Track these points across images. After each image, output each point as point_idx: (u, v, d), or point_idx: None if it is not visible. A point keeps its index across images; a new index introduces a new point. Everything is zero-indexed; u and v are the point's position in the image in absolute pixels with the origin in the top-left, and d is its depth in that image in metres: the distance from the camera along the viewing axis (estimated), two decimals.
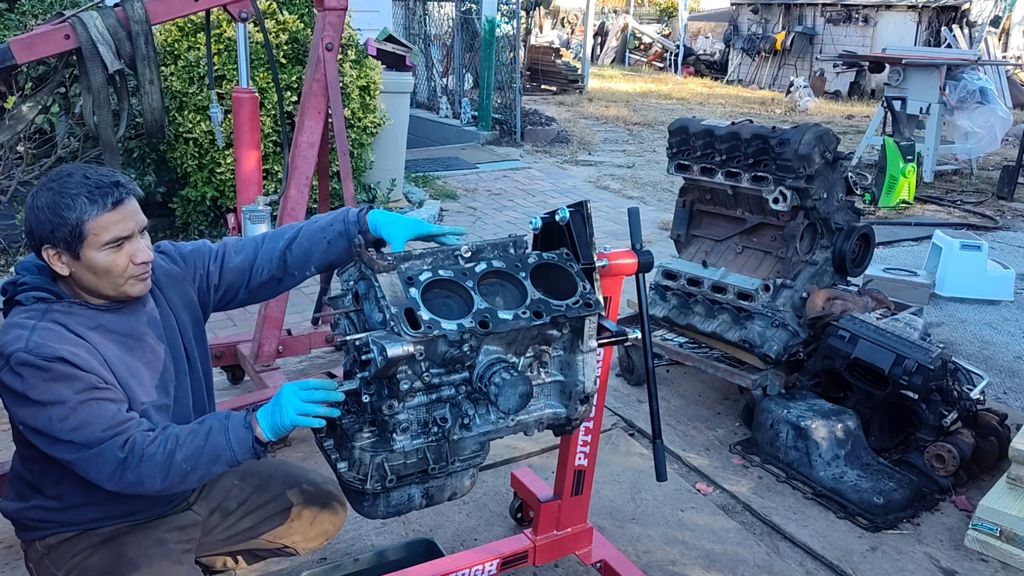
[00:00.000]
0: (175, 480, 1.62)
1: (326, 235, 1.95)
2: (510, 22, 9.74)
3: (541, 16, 19.13)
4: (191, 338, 1.94)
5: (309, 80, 3.04)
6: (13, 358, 1.59)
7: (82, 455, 1.59)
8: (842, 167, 3.34)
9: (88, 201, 1.64)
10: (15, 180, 4.60)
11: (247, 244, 2.01)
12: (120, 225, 1.67)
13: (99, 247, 1.66)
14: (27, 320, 1.65)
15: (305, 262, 1.97)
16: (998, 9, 15.20)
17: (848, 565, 2.64)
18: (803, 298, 3.37)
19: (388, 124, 6.01)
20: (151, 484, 1.61)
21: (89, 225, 1.64)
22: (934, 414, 3.07)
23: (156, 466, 1.60)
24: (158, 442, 1.61)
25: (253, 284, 2.00)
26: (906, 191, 7.09)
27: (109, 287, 1.72)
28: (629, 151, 9.70)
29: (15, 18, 4.89)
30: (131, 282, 1.73)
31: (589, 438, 2.31)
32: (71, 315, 1.70)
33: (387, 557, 2.38)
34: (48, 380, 1.59)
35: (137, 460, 1.59)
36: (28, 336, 1.62)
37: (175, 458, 1.61)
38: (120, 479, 1.61)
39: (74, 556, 1.82)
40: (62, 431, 1.58)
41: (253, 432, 1.65)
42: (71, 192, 1.64)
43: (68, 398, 1.59)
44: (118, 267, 1.69)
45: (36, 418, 1.60)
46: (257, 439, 1.65)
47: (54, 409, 1.58)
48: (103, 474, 1.61)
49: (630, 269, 2.04)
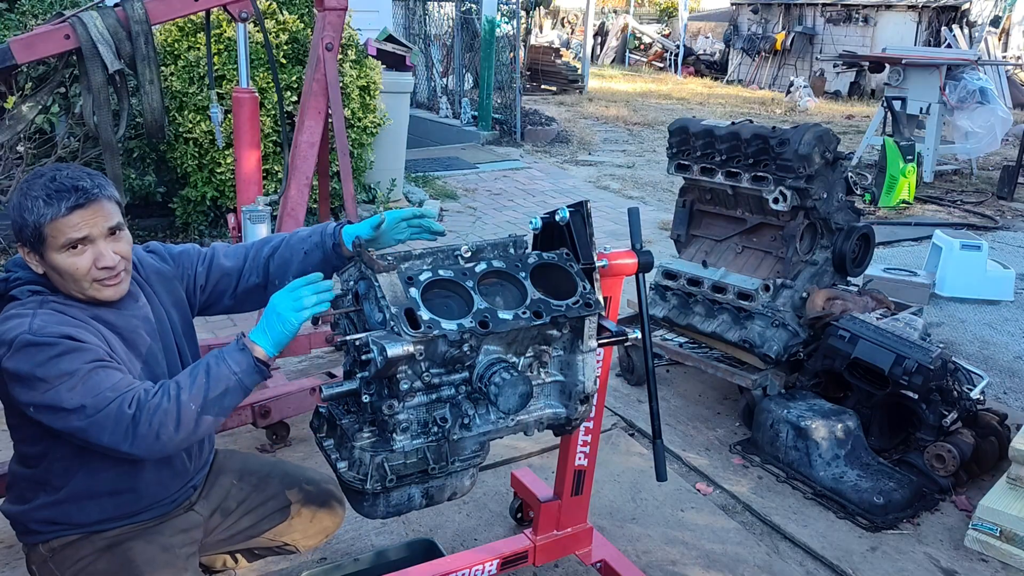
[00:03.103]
0: (188, 424, 1.59)
1: (304, 246, 2.00)
2: (510, 22, 9.74)
3: (541, 16, 19.13)
4: (182, 335, 1.94)
5: (309, 80, 3.04)
6: (17, 341, 1.58)
7: (93, 419, 1.56)
8: (842, 167, 3.34)
9: (44, 204, 1.64)
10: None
11: (237, 250, 2.03)
12: (77, 227, 1.65)
13: (57, 249, 1.66)
14: (25, 310, 1.65)
15: (285, 271, 2.00)
16: (998, 9, 15.20)
17: (848, 565, 2.64)
18: (803, 298, 3.37)
19: (388, 124, 6.01)
20: (166, 433, 1.57)
21: (47, 228, 1.64)
22: (934, 414, 3.07)
23: (165, 413, 1.57)
24: (161, 392, 1.59)
25: (240, 290, 2.01)
26: (906, 191, 7.09)
27: (75, 289, 1.71)
28: (629, 151, 9.70)
29: (15, 18, 4.89)
30: (95, 286, 1.71)
31: (589, 438, 2.31)
32: (68, 306, 1.70)
33: (387, 557, 2.38)
34: (57, 356, 1.57)
35: (146, 413, 1.56)
36: (30, 321, 1.61)
37: (181, 400, 1.58)
38: (134, 437, 1.56)
39: (78, 561, 1.81)
40: (71, 400, 1.56)
41: (251, 352, 1.64)
42: (32, 194, 1.65)
43: (77, 368, 1.57)
44: (79, 270, 1.67)
45: (45, 395, 1.57)
46: (258, 359, 1.65)
47: (63, 381, 1.56)
48: (117, 435, 1.56)
49: (630, 269, 2.04)
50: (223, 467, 2.12)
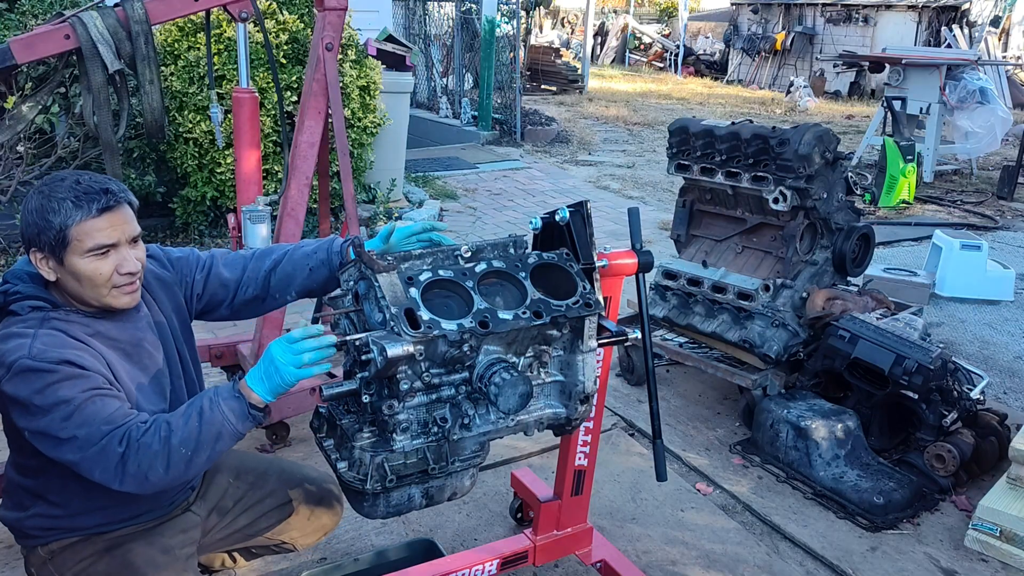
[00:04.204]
0: (178, 466, 1.57)
1: (309, 262, 1.96)
2: (510, 22, 9.74)
3: (541, 16, 19.13)
4: (182, 341, 1.93)
5: (309, 80, 3.04)
6: (16, 365, 1.56)
7: (85, 454, 1.55)
8: (842, 167, 3.34)
9: (74, 206, 1.62)
10: (15, 180, 4.60)
11: (236, 259, 2.00)
12: (106, 232, 1.64)
13: (82, 253, 1.64)
14: (26, 329, 1.62)
15: (287, 286, 1.98)
16: (998, 9, 15.20)
17: (848, 565, 2.64)
18: (803, 298, 3.37)
19: (388, 124, 6.01)
20: (154, 475, 1.56)
21: (73, 230, 1.62)
22: (934, 414, 3.07)
23: (155, 455, 1.55)
24: (151, 431, 1.57)
25: (237, 301, 1.99)
26: (906, 191, 7.09)
27: (92, 296, 1.68)
28: (629, 151, 9.70)
29: (15, 18, 4.89)
30: (114, 293, 1.69)
31: (589, 438, 2.31)
32: (70, 323, 1.67)
33: (387, 557, 2.38)
34: (54, 383, 1.55)
35: (135, 452, 1.54)
36: (30, 344, 1.59)
37: (172, 443, 1.55)
38: (123, 475, 1.55)
39: (78, 563, 1.81)
40: (65, 429, 1.54)
41: (246, 399, 1.61)
42: (58, 196, 1.62)
43: (73, 397, 1.55)
44: (101, 276, 1.66)
45: (39, 422, 1.56)
46: (253, 405, 1.62)
47: (58, 410, 1.54)
48: (108, 473, 1.55)
49: (630, 269, 2.04)
50: (219, 465, 2.11)
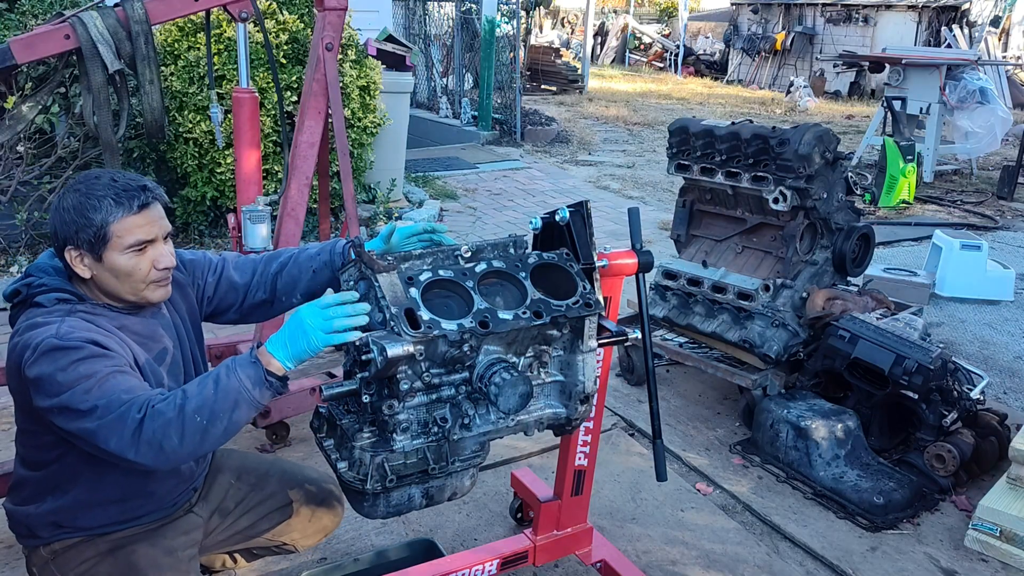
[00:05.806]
0: (193, 437, 1.53)
1: (312, 264, 1.99)
2: (510, 22, 9.74)
3: (541, 16, 19.13)
4: (194, 342, 1.96)
5: (309, 80, 3.04)
6: (42, 345, 1.56)
7: (103, 421, 1.52)
8: (842, 167, 3.34)
9: (114, 203, 1.65)
10: (15, 180, 4.60)
11: (246, 263, 2.03)
12: (144, 229, 1.69)
13: (122, 250, 1.67)
14: (52, 318, 1.63)
15: (292, 289, 2.00)
16: (998, 9, 15.20)
17: (848, 565, 2.64)
18: (803, 298, 3.37)
19: (388, 124, 6.01)
20: (169, 444, 1.52)
21: (114, 227, 1.65)
22: (934, 414, 3.07)
23: (169, 423, 1.51)
24: (168, 400, 1.55)
25: (246, 305, 2.02)
26: (906, 191, 7.09)
27: (129, 291, 1.72)
28: (629, 151, 9.70)
29: (15, 18, 4.89)
30: (151, 287, 1.74)
31: (589, 438, 2.31)
32: (96, 315, 1.69)
33: (387, 557, 2.39)
34: (79, 360, 1.55)
35: (151, 419, 1.51)
36: (57, 327, 1.60)
37: (186, 410, 1.52)
38: (138, 443, 1.52)
39: (81, 564, 1.81)
40: (86, 401, 1.53)
41: (263, 366, 1.57)
42: (98, 194, 1.65)
43: (97, 371, 1.55)
44: (140, 271, 1.70)
45: (61, 397, 1.54)
46: (271, 372, 1.57)
47: (81, 384, 1.54)
48: (123, 441, 1.52)
49: (630, 269, 2.04)
50: (221, 466, 2.12)
